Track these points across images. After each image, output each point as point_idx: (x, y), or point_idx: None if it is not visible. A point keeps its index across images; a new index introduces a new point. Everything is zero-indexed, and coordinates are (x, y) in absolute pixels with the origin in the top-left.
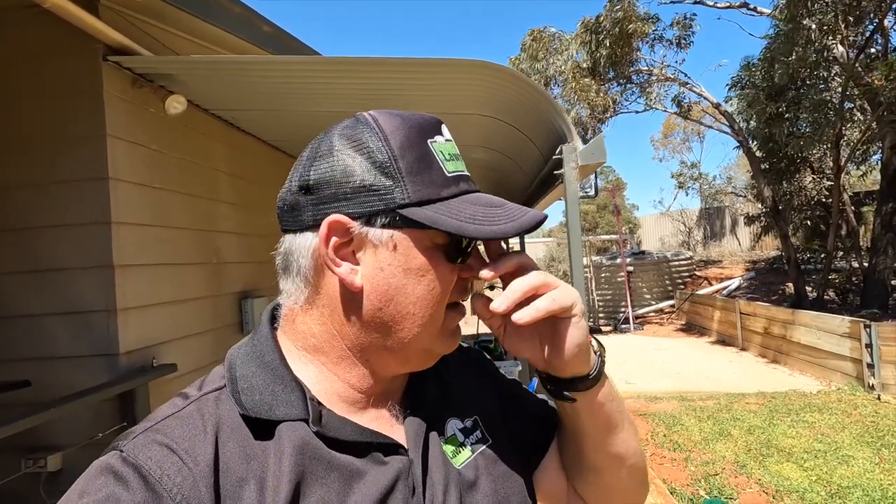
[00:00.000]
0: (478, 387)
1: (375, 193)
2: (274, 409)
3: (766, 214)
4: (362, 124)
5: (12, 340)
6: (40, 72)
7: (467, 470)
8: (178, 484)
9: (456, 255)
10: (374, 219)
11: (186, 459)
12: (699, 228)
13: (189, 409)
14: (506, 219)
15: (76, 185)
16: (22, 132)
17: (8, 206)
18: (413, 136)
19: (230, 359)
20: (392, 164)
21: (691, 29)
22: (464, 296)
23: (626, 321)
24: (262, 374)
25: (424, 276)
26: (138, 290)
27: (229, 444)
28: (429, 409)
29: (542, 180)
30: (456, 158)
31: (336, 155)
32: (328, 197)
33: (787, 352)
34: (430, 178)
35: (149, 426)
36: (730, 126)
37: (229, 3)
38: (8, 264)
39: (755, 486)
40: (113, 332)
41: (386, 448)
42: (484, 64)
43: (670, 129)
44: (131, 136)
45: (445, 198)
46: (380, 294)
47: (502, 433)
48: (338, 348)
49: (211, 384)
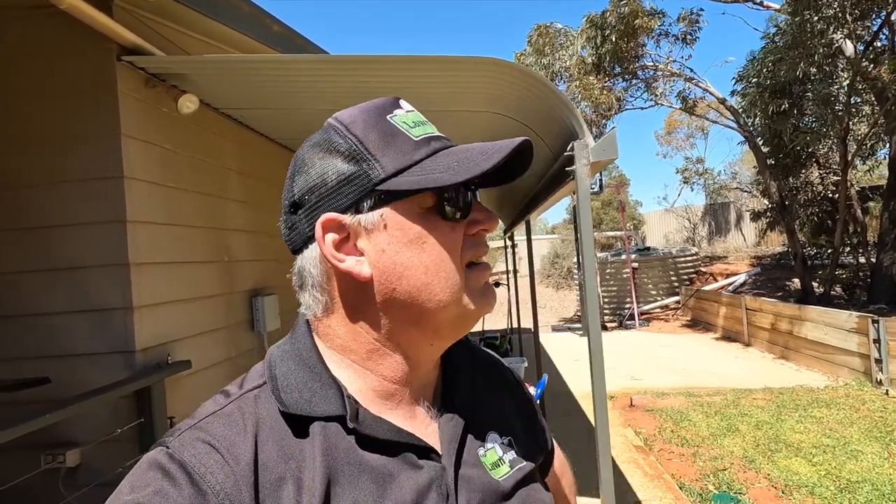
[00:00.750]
0: (512, 406)
1: (353, 181)
2: (312, 405)
3: (771, 210)
4: (325, 129)
5: (32, 338)
6: (56, 71)
7: (506, 483)
8: (220, 482)
9: (451, 211)
10: (360, 205)
11: (228, 458)
12: (704, 224)
13: (230, 408)
14: (481, 156)
15: (92, 184)
16: (38, 131)
17: (25, 204)
18: (371, 117)
19: (270, 357)
20: (358, 147)
21: (697, 24)
22: (479, 251)
23: (631, 317)
24: (301, 371)
25: (425, 242)
26: (153, 287)
27: (268, 443)
28: (464, 413)
29: (552, 177)
30: (422, 124)
31: (309, 164)
32: (315, 203)
33: (793, 347)
34: (398, 147)
35: (193, 423)
36: (735, 121)
37: (238, 2)
38: (26, 263)
39: (764, 481)
40: (129, 330)
41: (419, 451)
42: (493, 61)
43: (674, 124)
44: (145, 135)
45: (419, 160)
46: (389, 275)
47: (535, 456)
48: (366, 342)
49: (251, 382)
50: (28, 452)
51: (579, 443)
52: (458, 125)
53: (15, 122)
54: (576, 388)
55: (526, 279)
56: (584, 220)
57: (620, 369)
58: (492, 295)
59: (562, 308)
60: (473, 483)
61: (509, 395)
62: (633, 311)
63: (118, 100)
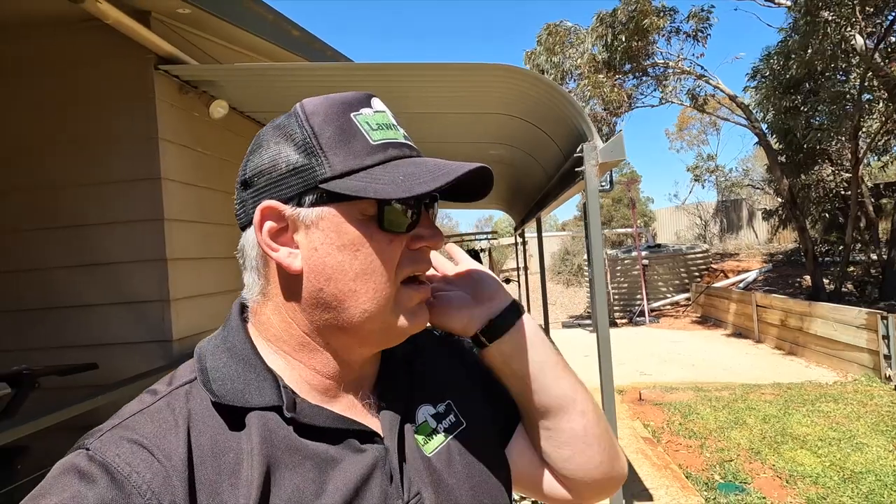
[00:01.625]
0: (449, 367)
1: (301, 173)
2: (247, 396)
3: (783, 207)
4: (290, 114)
5: (81, 327)
6: (99, 80)
7: (439, 456)
8: (147, 480)
9: (391, 223)
10: (302, 199)
11: (158, 455)
12: (715, 221)
13: (159, 405)
14: (429, 175)
15: (132, 185)
16: (83, 136)
17: (72, 204)
18: (334, 111)
19: (200, 351)
20: (312, 140)
21: (708, 21)
22: (420, 267)
23: (641, 314)
24: (234, 363)
25: (359, 250)
26: (188, 281)
27: (202, 437)
28: (403, 397)
29: (562, 177)
30: (386, 127)
31: (264, 146)
32: (262, 187)
33: (803, 344)
34: (351, 148)
35: (116, 423)
36: (746, 118)
37: (264, 12)
38: (73, 258)
39: (769, 472)
40: (167, 321)
41: (362, 435)
42: (507, 67)
43: (686, 121)
44: (179, 138)
45: (368, 166)
46: (318, 274)
47: (480, 413)
48: (296, 335)
49: (180, 379)
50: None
51: None
52: (472, 126)
53: (62, 128)
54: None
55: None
56: (593, 219)
57: (630, 364)
58: (423, 315)
59: (572, 305)
60: (415, 461)
61: (448, 364)
62: (643, 307)
63: (156, 106)
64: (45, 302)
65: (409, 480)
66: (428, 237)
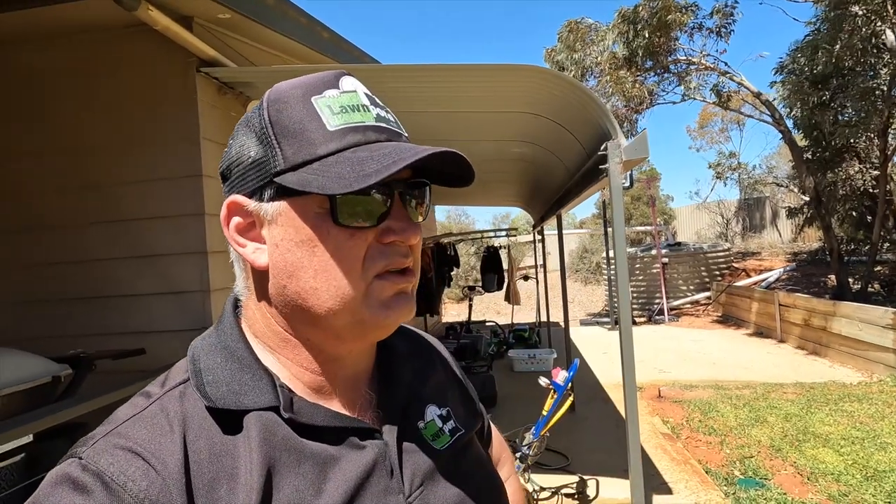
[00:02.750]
0: (447, 380)
1: (259, 166)
2: (242, 398)
3: (808, 205)
4: (261, 100)
5: (130, 315)
6: (145, 83)
7: (448, 452)
8: (143, 489)
9: (347, 218)
10: (262, 193)
11: (154, 462)
12: (737, 219)
13: (152, 409)
14: (378, 165)
15: (175, 182)
16: (129, 135)
17: (120, 200)
18: (296, 95)
19: (193, 350)
20: (268, 130)
21: (732, 17)
22: (393, 262)
23: (660, 312)
24: (228, 364)
25: (317, 246)
26: (226, 273)
27: (199, 441)
28: (403, 392)
29: (585, 174)
30: (353, 110)
31: (235, 137)
32: (234, 180)
33: (827, 344)
34: (306, 138)
35: (110, 430)
36: (771, 115)
37: (296, 15)
38: (122, 251)
39: (790, 469)
40: (207, 310)
41: (362, 433)
42: (534, 68)
43: (707, 118)
44: (218, 137)
45: (321, 156)
46: (280, 271)
47: (471, 422)
48: (276, 332)
49: (174, 379)
50: None
51: (607, 428)
52: (496, 125)
53: (109, 128)
54: (604, 379)
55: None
56: (617, 216)
57: (649, 362)
58: (399, 308)
59: (590, 303)
60: (416, 455)
61: (445, 372)
62: (662, 306)
63: (198, 107)
64: (99, 291)
65: (412, 474)
66: (398, 231)
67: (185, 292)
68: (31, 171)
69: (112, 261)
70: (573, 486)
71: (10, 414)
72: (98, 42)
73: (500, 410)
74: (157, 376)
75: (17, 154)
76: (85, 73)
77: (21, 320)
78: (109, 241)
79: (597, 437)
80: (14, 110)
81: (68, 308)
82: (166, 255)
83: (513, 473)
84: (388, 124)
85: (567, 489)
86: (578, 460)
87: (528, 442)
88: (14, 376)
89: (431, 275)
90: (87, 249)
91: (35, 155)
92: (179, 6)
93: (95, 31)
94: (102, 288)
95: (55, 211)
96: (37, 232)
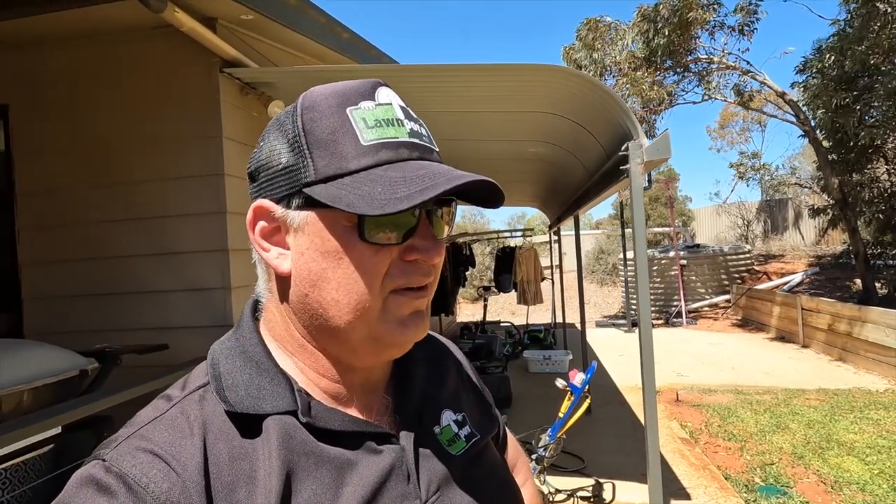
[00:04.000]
0: (461, 385)
1: (289, 173)
2: (261, 402)
3: (832, 207)
4: (294, 104)
5: (153, 311)
6: (170, 83)
7: (464, 458)
8: (165, 491)
9: (373, 235)
10: (290, 200)
11: (174, 465)
12: (759, 221)
13: (173, 412)
14: (413, 188)
15: (198, 181)
16: (154, 134)
17: (143, 198)
18: (331, 104)
19: (213, 355)
20: (301, 139)
21: (756, 15)
22: (413, 280)
23: (678, 315)
24: (247, 368)
25: (342, 258)
26: (246, 271)
27: (218, 444)
28: (420, 397)
29: (604, 175)
30: (387, 124)
31: (266, 139)
32: (262, 183)
33: (852, 349)
34: (338, 150)
35: (132, 432)
36: (795, 115)
37: (316, 15)
38: (145, 248)
39: (813, 477)
40: (228, 307)
41: (378, 437)
42: (554, 68)
43: (728, 118)
44: (240, 136)
45: (353, 171)
46: (303, 279)
47: (487, 427)
48: (295, 337)
49: (194, 383)
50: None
51: (624, 432)
52: (514, 125)
53: (134, 127)
54: (620, 382)
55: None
56: (637, 218)
57: (666, 365)
58: (415, 326)
59: (605, 304)
60: (432, 460)
61: (459, 376)
62: (680, 308)
63: (220, 107)
64: (124, 287)
65: (429, 480)
66: (422, 250)
67: (206, 289)
68: (62, 168)
69: (137, 258)
70: (589, 489)
71: (39, 406)
72: (124, 43)
73: (514, 411)
74: (178, 374)
75: (52, 152)
76: (112, 74)
77: (51, 315)
78: (135, 238)
79: (613, 440)
80: (46, 109)
81: (96, 303)
82: (189, 253)
83: (529, 478)
84: (420, 140)
85: (583, 492)
86: (594, 463)
87: (545, 444)
88: (44, 369)
89: (447, 274)
90: (116, 245)
91: (66, 153)
92: (204, 8)
93: (123, 32)
94: (128, 284)
95: (85, 208)
96: (68, 228)
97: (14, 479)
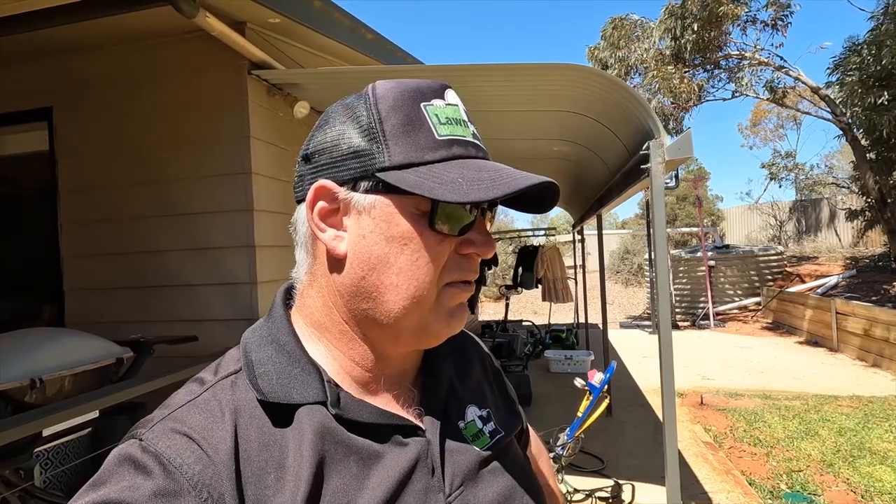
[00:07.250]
0: (486, 380)
1: (360, 158)
2: (292, 392)
3: (870, 208)
4: (360, 94)
5: (185, 304)
6: (200, 85)
7: (487, 452)
8: (197, 472)
9: (443, 224)
10: (358, 183)
11: (206, 447)
12: (792, 222)
13: (206, 396)
14: (491, 183)
15: (226, 179)
16: (186, 135)
17: (176, 195)
18: (404, 98)
19: (245, 342)
20: (376, 126)
21: (789, 9)
22: (464, 274)
23: (705, 317)
24: (278, 357)
25: (407, 244)
26: (272, 266)
27: (249, 430)
28: (446, 391)
29: (626, 174)
30: (455, 123)
31: (330, 123)
32: (322, 164)
33: (889, 356)
34: (415, 140)
35: (166, 414)
36: (831, 112)
37: (341, 17)
38: (177, 243)
39: (842, 485)
40: (254, 301)
41: (405, 430)
42: (577, 67)
43: (761, 115)
44: (267, 136)
45: (430, 161)
46: (362, 262)
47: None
48: (336, 322)
49: (226, 368)
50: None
51: (646, 434)
52: (536, 123)
53: (168, 128)
54: (643, 384)
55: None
56: (658, 217)
57: (692, 368)
58: (460, 317)
59: (630, 305)
60: (457, 455)
61: (483, 372)
62: (707, 310)
63: (248, 108)
64: (158, 280)
65: (453, 474)
66: (478, 244)
67: (234, 283)
68: (102, 167)
69: (171, 252)
70: (608, 489)
71: (79, 391)
72: (159, 47)
73: (534, 410)
74: (208, 362)
75: (92, 152)
76: (147, 76)
77: (90, 305)
78: (169, 233)
79: (634, 442)
80: (87, 111)
81: (131, 295)
82: (218, 249)
83: (552, 476)
84: (480, 142)
85: (601, 492)
86: (614, 464)
87: (563, 443)
88: (84, 357)
89: None
90: (151, 241)
91: (105, 152)
92: (234, 12)
93: (157, 37)
94: (161, 278)
95: (122, 204)
96: (106, 224)
97: (56, 459)
